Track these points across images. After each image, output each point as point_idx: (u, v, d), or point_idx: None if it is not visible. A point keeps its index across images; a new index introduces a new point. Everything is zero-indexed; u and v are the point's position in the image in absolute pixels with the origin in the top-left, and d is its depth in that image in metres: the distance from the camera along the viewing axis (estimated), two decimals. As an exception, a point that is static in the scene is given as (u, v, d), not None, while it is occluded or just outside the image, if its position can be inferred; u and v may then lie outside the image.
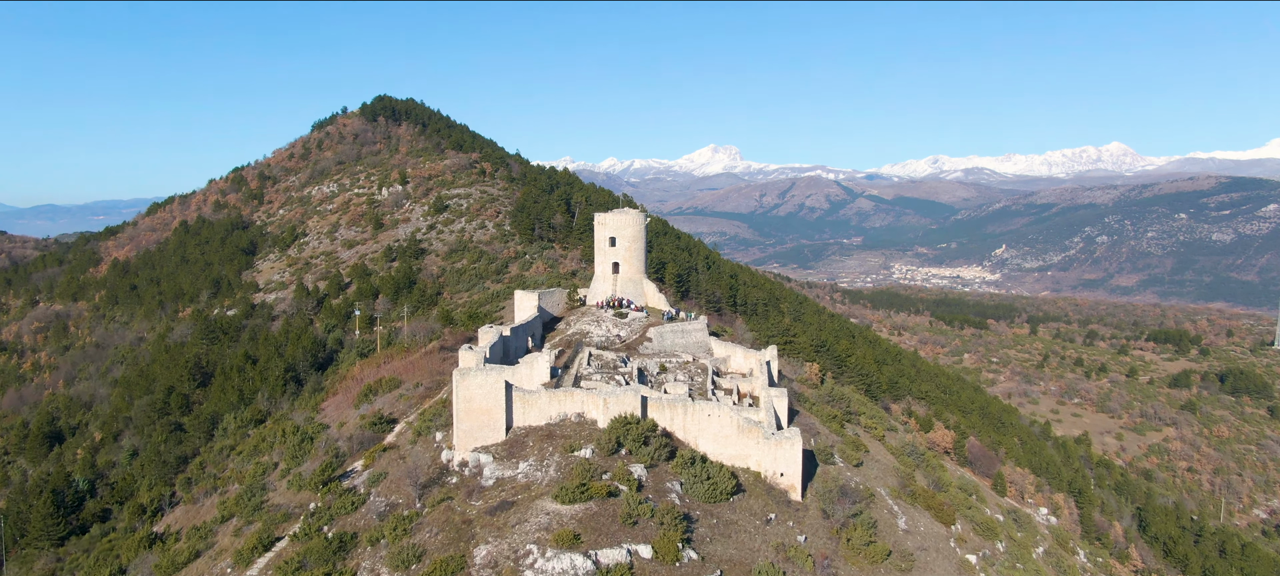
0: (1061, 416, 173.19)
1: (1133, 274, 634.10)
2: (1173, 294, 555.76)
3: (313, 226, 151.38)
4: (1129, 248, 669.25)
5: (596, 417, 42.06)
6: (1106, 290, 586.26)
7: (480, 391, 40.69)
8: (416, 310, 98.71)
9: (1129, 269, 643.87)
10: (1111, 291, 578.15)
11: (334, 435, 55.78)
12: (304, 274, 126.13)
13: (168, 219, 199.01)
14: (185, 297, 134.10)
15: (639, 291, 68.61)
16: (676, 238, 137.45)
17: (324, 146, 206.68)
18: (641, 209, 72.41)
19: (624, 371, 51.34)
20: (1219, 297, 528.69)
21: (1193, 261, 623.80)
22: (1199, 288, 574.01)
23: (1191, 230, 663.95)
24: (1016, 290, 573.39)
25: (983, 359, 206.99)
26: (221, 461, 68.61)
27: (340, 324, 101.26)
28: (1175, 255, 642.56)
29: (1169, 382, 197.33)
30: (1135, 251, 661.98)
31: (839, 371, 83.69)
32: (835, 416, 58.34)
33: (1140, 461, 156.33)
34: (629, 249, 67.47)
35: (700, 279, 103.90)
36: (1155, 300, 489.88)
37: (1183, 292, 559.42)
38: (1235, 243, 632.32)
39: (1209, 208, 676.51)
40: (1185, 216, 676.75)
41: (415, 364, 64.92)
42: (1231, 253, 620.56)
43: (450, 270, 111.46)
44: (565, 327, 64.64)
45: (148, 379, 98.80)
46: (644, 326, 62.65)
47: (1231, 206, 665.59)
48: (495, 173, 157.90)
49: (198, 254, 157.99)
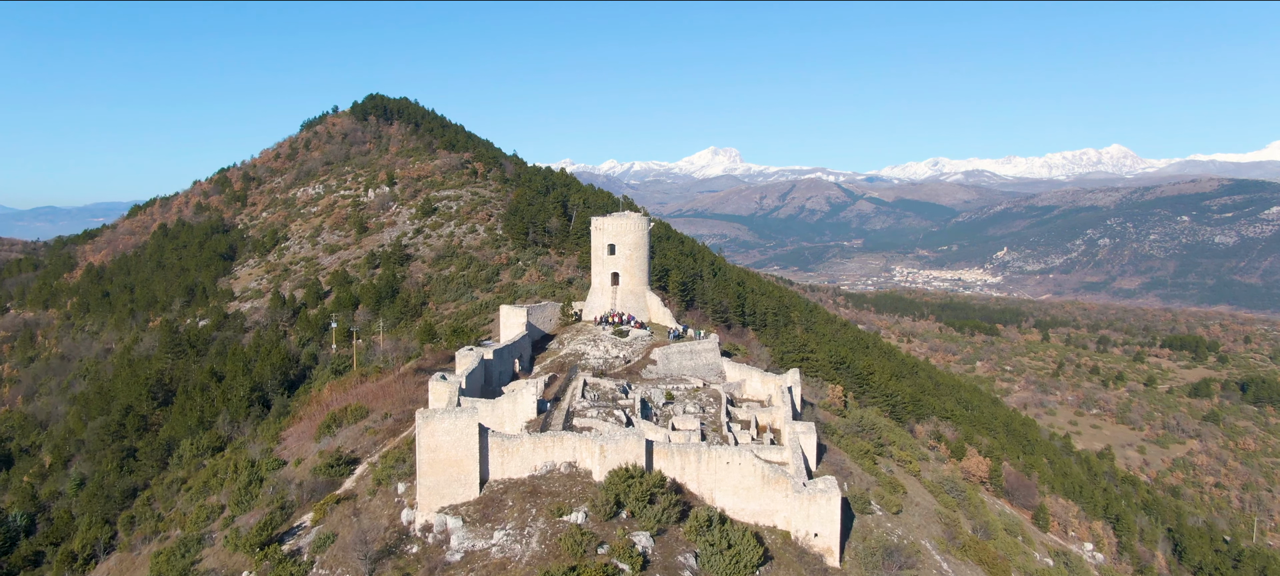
0: (1080, 428, 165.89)
1: (1135, 277, 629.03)
2: (1175, 297, 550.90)
3: (295, 230, 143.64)
4: (1131, 250, 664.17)
5: (592, 468, 34.48)
6: (1109, 293, 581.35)
7: (448, 438, 33.07)
8: (398, 322, 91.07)
9: (1131, 272, 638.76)
10: (1114, 294, 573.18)
11: (288, 476, 48.13)
12: (282, 281, 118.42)
13: (148, 222, 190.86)
14: (157, 306, 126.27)
15: (641, 305, 61.04)
16: (680, 242, 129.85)
17: (311, 146, 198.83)
18: (644, 212, 64.79)
19: (625, 403, 43.80)
20: (1222, 300, 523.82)
21: (1196, 264, 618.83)
22: (1202, 290, 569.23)
23: (1194, 233, 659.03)
24: (1018, 293, 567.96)
25: (996, 367, 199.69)
26: (170, 497, 60.86)
27: (316, 337, 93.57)
28: (1178, 258, 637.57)
29: (1188, 392, 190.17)
30: (1138, 254, 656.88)
31: (860, 391, 76.28)
32: (867, 451, 50.83)
33: (1165, 477, 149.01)
34: (630, 257, 59.89)
35: (706, 287, 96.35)
36: (1158, 303, 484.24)
37: (1186, 296, 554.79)
38: (1238, 245, 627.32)
39: (1212, 210, 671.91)
40: (1187, 219, 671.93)
41: (387, 388, 57.32)
42: (1234, 255, 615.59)
43: (437, 278, 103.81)
44: (558, 348, 57.06)
45: (106, 396, 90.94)
46: (647, 347, 55.07)
47: (1234, 209, 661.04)
48: (488, 173, 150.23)
49: (174, 259, 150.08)
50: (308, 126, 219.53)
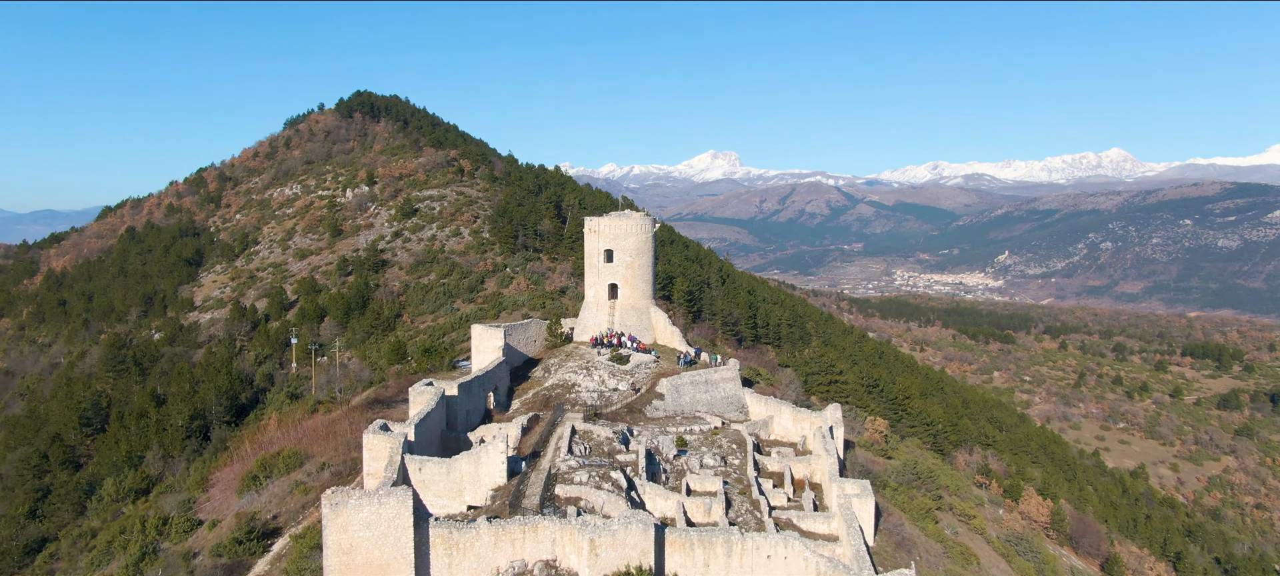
0: (1108, 443, 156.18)
1: (1138, 281, 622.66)
2: (1178, 301, 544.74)
3: (267, 233, 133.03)
4: (1133, 254, 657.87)
5: (578, 571, 24.23)
6: (1111, 297, 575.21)
7: (368, 534, 22.74)
8: (368, 337, 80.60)
9: (1134, 276, 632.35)
10: (1116, 298, 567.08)
11: (196, 544, 37.73)
12: (247, 289, 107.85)
13: (117, 225, 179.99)
14: (113, 316, 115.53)
15: (644, 322, 50.76)
16: (684, 246, 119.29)
17: (292, 145, 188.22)
18: (645, 214, 54.52)
19: (625, 459, 33.54)
20: (1226, 304, 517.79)
21: (1198, 268, 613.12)
22: (1205, 295, 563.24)
23: (1197, 237, 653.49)
24: (1020, 297, 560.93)
25: (1014, 377, 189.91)
26: (76, 555, 50.32)
27: (277, 353, 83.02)
28: (1180, 262, 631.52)
29: (1217, 403, 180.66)
30: (1140, 258, 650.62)
31: (894, 417, 66.21)
32: (928, 510, 40.60)
33: (1203, 497, 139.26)
34: (631, 266, 49.66)
35: (714, 297, 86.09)
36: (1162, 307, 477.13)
37: (1189, 300, 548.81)
38: (1241, 249, 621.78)
39: (1214, 214, 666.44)
40: (1190, 223, 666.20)
41: (334, 425, 47.01)
42: (1238, 259, 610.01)
43: (414, 286, 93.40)
44: (543, 376, 46.78)
45: (37, 421, 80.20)
46: (652, 376, 44.81)
47: (1237, 212, 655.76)
48: (475, 171, 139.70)
49: (138, 264, 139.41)
50: (291, 124, 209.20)
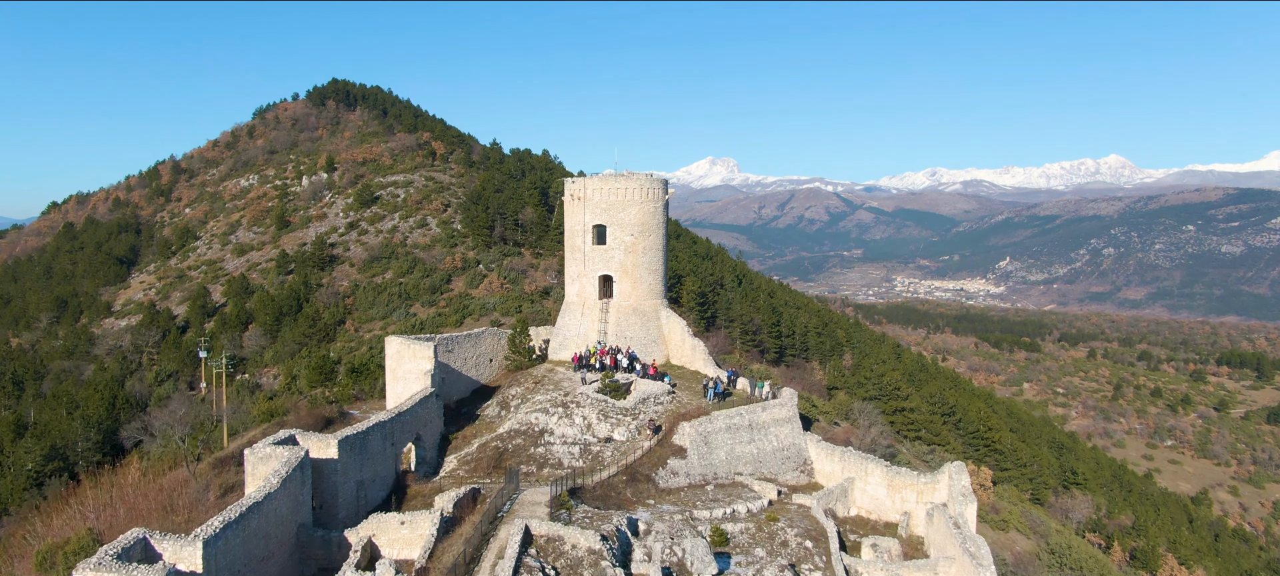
0: (1157, 463, 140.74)
1: (1141, 287, 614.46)
2: (1183, 307, 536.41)
3: (211, 228, 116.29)
4: (1136, 260, 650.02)
5: None
6: (1114, 303, 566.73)
7: None
8: (299, 349, 63.99)
9: (1137, 281, 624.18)
10: (1119, 304, 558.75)
11: None
12: (173, 291, 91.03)
13: (58, 221, 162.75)
14: (21, 324, 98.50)
15: (652, 333, 34.32)
16: (692, 242, 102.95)
17: (256, 134, 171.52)
18: (651, 175, 37.94)
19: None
20: (1230, 311, 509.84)
21: (1202, 274, 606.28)
22: (1210, 300, 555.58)
23: (1200, 242, 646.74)
24: (1022, 303, 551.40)
25: (1046, 388, 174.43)
26: None
27: (184, 370, 66.29)
28: (1184, 267, 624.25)
29: (1265, 417, 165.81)
30: (1143, 264, 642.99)
31: (977, 455, 50.27)
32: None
33: (1272, 526, 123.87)
34: (633, 248, 33.36)
35: (731, 300, 69.97)
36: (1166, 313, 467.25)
37: (1193, 306, 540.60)
38: (1245, 254, 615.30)
39: (1217, 219, 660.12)
40: (1193, 228, 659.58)
41: (178, 487, 30.57)
42: (1242, 265, 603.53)
43: (366, 286, 76.87)
44: (497, 417, 30.31)
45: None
46: (669, 419, 28.43)
47: (1240, 218, 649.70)
48: (449, 155, 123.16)
49: (67, 264, 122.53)
50: (259, 113, 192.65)
